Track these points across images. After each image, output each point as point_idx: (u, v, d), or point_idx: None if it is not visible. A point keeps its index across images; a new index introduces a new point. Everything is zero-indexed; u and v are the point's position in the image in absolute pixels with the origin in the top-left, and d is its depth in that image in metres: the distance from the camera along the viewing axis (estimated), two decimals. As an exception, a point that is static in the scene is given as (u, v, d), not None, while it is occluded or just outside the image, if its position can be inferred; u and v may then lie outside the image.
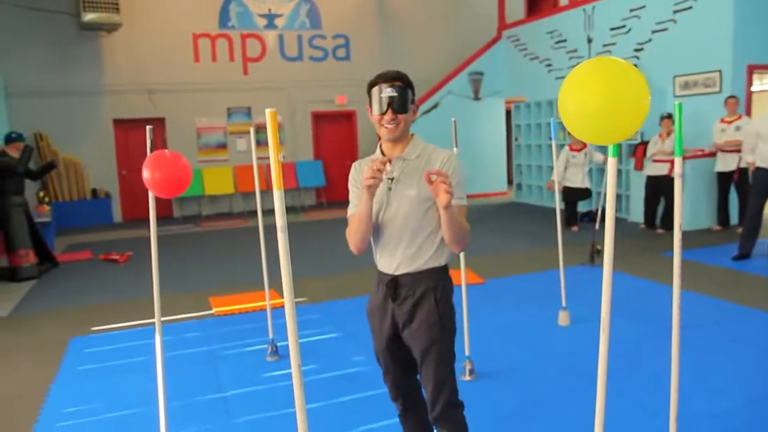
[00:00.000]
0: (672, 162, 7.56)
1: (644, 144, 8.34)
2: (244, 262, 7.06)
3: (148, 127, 2.38)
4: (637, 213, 8.66)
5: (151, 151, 2.33)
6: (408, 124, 2.07)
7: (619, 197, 9.42)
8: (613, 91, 1.30)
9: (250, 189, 11.67)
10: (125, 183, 11.46)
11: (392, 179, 2.07)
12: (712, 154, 7.91)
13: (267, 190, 11.92)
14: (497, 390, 3.37)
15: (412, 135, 2.13)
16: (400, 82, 2.02)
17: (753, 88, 8.17)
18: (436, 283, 2.11)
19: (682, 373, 2.27)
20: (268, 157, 1.50)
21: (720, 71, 7.95)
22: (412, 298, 2.09)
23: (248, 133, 11.76)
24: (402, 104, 2.01)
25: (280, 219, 1.55)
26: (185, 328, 4.71)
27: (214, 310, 5.12)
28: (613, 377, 3.29)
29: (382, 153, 2.11)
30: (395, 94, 2.00)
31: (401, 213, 2.05)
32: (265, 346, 4.08)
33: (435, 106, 12.15)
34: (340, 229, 2.04)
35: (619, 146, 1.50)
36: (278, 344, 4.05)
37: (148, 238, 7.63)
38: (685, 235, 7.60)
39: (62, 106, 10.68)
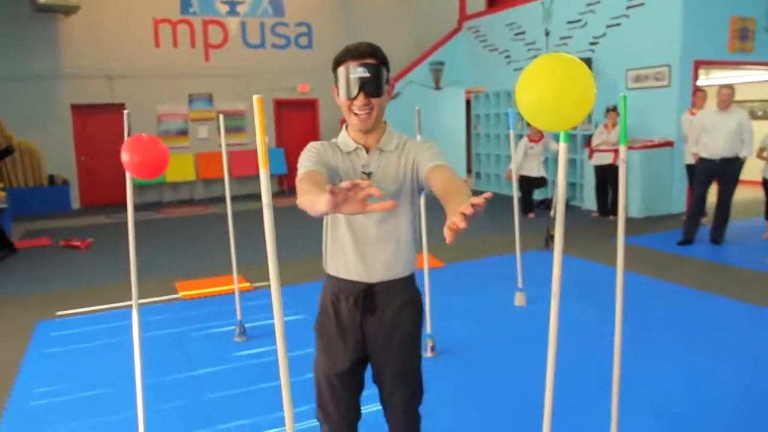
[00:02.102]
0: (616, 152, 7.91)
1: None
2: (207, 248, 7.12)
3: (125, 112, 2.49)
4: (590, 201, 9.02)
5: (128, 135, 2.43)
6: (383, 109, 1.74)
7: (573, 186, 9.77)
8: (563, 83, 1.47)
9: (212, 176, 11.66)
10: (83, 169, 11.29)
11: (369, 174, 1.75)
12: (669, 144, 8.29)
13: (230, 178, 11.93)
14: (456, 366, 3.57)
15: (385, 122, 1.81)
16: (373, 58, 1.67)
17: (698, 83, 8.56)
18: (413, 290, 1.90)
19: (627, 345, 2.49)
20: (233, 144, 1.53)
21: (669, 66, 8.32)
22: (391, 310, 1.82)
23: (211, 119, 11.73)
24: (376, 86, 1.66)
25: (266, 197, 1.53)
26: (153, 311, 4.78)
27: (180, 294, 5.20)
28: (565, 353, 3.53)
29: (352, 140, 1.78)
30: (368, 74, 1.64)
31: (380, 212, 1.73)
32: (233, 327, 4.20)
33: (396, 95, 12.29)
34: (302, 215, 2.14)
35: (570, 135, 1.68)
36: (246, 325, 4.17)
37: (108, 225, 7.64)
38: (636, 221, 7.99)
39: (17, 91, 10.44)
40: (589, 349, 3.66)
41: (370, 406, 2.05)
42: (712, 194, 6.64)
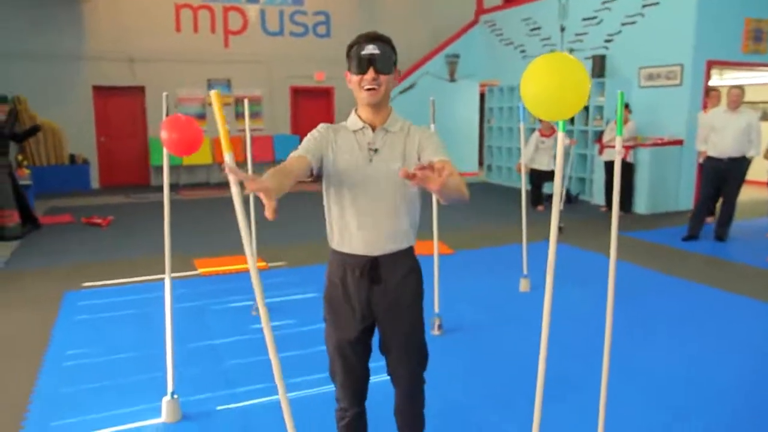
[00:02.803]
0: (626, 148, 8.05)
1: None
2: (223, 229, 7.34)
3: (164, 94, 2.68)
4: (599, 195, 9.16)
5: (167, 115, 2.64)
6: (390, 89, 1.89)
7: (583, 180, 9.92)
8: (561, 79, 1.66)
9: (228, 160, 11.87)
10: (103, 150, 11.56)
11: (375, 150, 1.89)
12: (679, 142, 8.42)
13: (245, 162, 12.17)
14: (462, 343, 3.77)
15: (391, 107, 1.96)
16: (383, 41, 1.84)
17: (711, 83, 8.67)
18: (414, 262, 2.03)
19: (625, 332, 2.67)
20: (251, 130, 1.66)
21: (682, 65, 8.43)
22: (395, 280, 1.96)
23: (228, 104, 11.94)
24: (385, 63, 1.82)
25: (234, 187, 1.68)
26: (174, 286, 4.98)
27: (199, 271, 5.43)
28: (565, 337, 3.73)
29: (360, 119, 1.94)
30: (377, 51, 1.81)
31: (383, 188, 1.88)
32: (251, 302, 4.42)
33: (412, 85, 12.44)
34: (315, 200, 2.28)
35: (567, 123, 1.86)
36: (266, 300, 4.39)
37: (127, 204, 7.90)
38: (643, 217, 8.14)
39: (41, 71, 10.69)
40: (588, 334, 3.84)
41: (378, 376, 2.24)
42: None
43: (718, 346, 3.75)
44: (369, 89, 1.82)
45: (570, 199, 9.07)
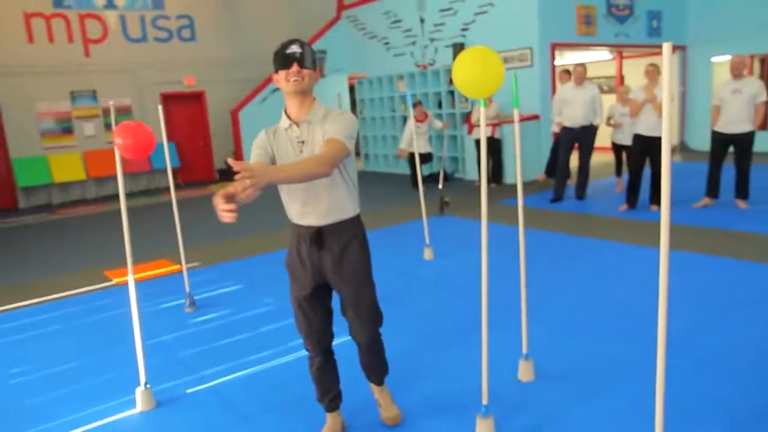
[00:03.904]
0: (493, 125, 8.95)
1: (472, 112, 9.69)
2: (118, 241, 7.25)
3: (111, 103, 2.88)
4: (472, 172, 10.04)
5: (115, 124, 2.85)
6: (311, 83, 2.19)
7: (455, 159, 10.79)
8: (483, 65, 2.17)
9: (104, 173, 11.49)
10: (-42, 175, 10.72)
11: (302, 142, 2.22)
12: (536, 117, 9.45)
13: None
14: (389, 306, 4.24)
15: (314, 98, 2.26)
16: (303, 44, 2.18)
17: (555, 63, 9.81)
18: (356, 230, 2.36)
19: (514, 273, 3.26)
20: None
21: (531, 48, 9.47)
22: (338, 245, 2.29)
23: (96, 116, 11.51)
24: (306, 60, 2.15)
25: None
26: (93, 298, 5.04)
27: (114, 281, 5.46)
28: (475, 291, 4.32)
29: (288, 117, 2.24)
30: (300, 50, 2.14)
31: None
32: (181, 301, 4.61)
33: (284, 84, 12.71)
34: (202, 205, 2.46)
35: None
36: (196, 297, 4.61)
37: (6, 228, 7.62)
38: (513, 186, 9.09)
39: None
40: (494, 284, 4.47)
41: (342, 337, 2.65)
42: (575, 159, 7.81)
43: (583, 276, 4.56)
44: (294, 80, 2.14)
45: (447, 178, 9.86)
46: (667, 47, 1.60)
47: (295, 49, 2.15)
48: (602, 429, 2.58)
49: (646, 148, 6.56)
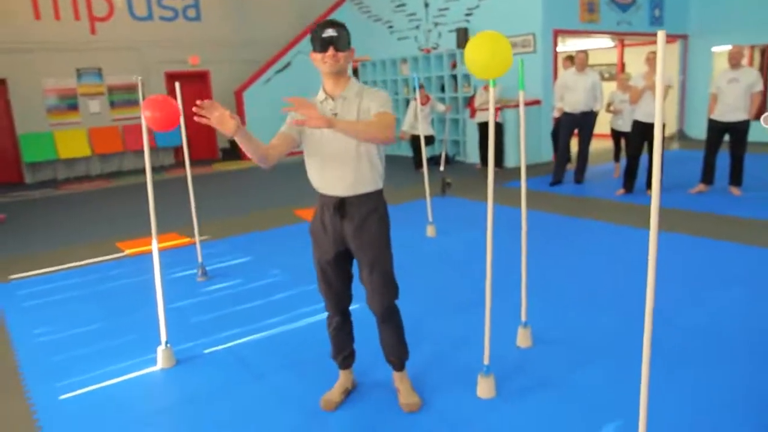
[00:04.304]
0: (496, 109, 9.08)
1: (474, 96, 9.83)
2: (130, 215, 7.44)
3: (138, 78, 3.04)
4: (473, 155, 10.20)
5: (143, 98, 3.01)
6: (347, 62, 2.33)
7: (457, 142, 10.94)
8: (494, 48, 2.34)
9: (108, 150, 11.62)
10: (-34, 149, 10.85)
11: (335, 115, 2.34)
12: (537, 102, 9.59)
13: (125, 151, 11.96)
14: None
15: (349, 77, 2.43)
16: (338, 26, 2.30)
17: (558, 49, 9.94)
18: (378, 203, 2.50)
19: (516, 251, 3.45)
20: (127, 119, 2.04)
21: (534, 34, 9.59)
22: (359, 216, 2.43)
23: (101, 94, 11.62)
24: (341, 42, 2.28)
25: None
26: (106, 268, 5.22)
27: (126, 252, 5.64)
28: (479, 266, 4.51)
29: (325, 92, 2.39)
30: (335, 33, 2.27)
31: (343, 144, 2.34)
32: (192, 271, 4.80)
33: (287, 65, 12.82)
34: (207, 183, 2.56)
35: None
36: (207, 268, 4.80)
37: (11, 203, 7.84)
38: (514, 169, 9.26)
39: None
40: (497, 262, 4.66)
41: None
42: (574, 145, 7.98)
43: (580, 254, 4.75)
44: (330, 63, 2.29)
45: (449, 161, 10.02)
46: (661, 35, 1.72)
47: (331, 33, 2.26)
48: (596, 390, 2.78)
49: (644, 134, 6.72)
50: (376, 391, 2.86)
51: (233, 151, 12.81)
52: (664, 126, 6.90)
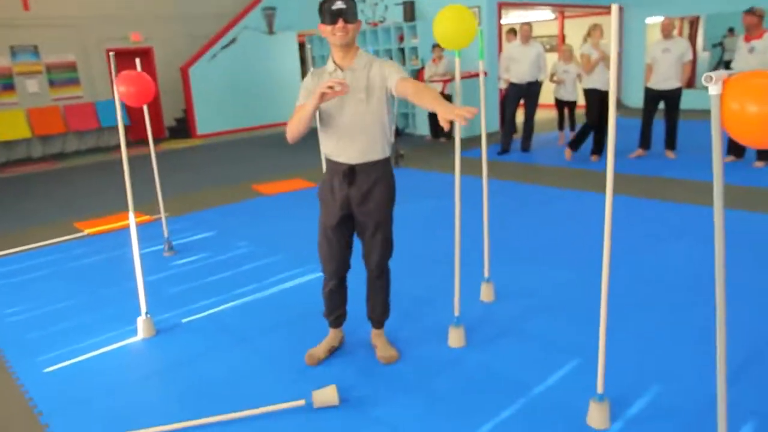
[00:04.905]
0: (444, 81, 9.31)
1: (423, 69, 10.01)
2: (78, 196, 7.34)
3: (111, 53, 3.07)
4: (422, 127, 10.42)
5: (116, 73, 3.05)
6: (355, 33, 2.42)
7: (406, 115, 11.13)
8: (459, 20, 2.53)
9: (50, 132, 11.27)
10: None
11: None
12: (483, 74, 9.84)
13: (68, 132, 11.62)
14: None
15: (357, 47, 2.49)
16: None
17: (502, 21, 10.19)
18: (384, 170, 2.59)
19: (476, 215, 3.68)
20: (68, 98, 2.07)
21: (479, 6, 9.80)
22: (367, 183, 2.54)
23: (39, 73, 11.22)
24: (350, 14, 2.36)
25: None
26: (68, 248, 5.20)
27: (86, 231, 5.61)
28: (428, 232, 4.75)
29: (334, 63, 2.47)
30: (344, 6, 2.35)
31: (353, 114, 2.45)
32: (158, 247, 4.86)
33: (233, 41, 12.65)
34: (157, 161, 2.55)
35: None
36: (173, 243, 4.86)
37: None
38: (463, 140, 9.51)
39: None
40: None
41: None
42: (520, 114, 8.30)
43: (532, 217, 5.06)
44: (340, 35, 2.39)
45: (399, 133, 10.21)
46: (615, 8, 1.95)
47: (340, 5, 2.34)
48: (556, 335, 3.06)
49: (603, 101, 6.94)
50: (359, 349, 3.05)
51: (181, 130, 12.63)
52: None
